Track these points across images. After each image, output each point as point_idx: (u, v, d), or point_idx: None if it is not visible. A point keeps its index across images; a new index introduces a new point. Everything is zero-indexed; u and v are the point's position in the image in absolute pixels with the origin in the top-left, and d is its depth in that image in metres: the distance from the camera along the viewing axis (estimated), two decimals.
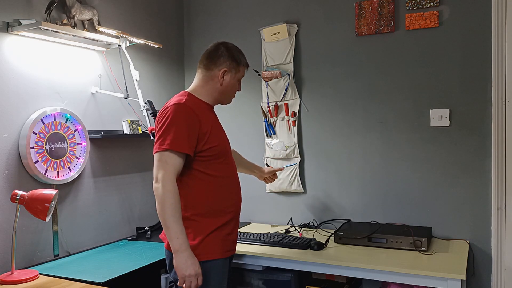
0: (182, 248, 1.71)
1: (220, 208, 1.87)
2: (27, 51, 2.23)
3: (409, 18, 2.58)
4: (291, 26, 2.90)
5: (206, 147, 1.83)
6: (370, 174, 2.72)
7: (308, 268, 2.26)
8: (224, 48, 1.94)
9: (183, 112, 1.79)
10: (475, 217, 2.47)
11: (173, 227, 1.71)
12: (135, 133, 2.75)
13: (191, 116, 1.80)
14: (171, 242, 1.72)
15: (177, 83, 3.26)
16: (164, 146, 1.75)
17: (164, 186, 1.72)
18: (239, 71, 1.97)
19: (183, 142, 1.76)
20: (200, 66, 1.96)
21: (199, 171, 1.84)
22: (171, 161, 1.75)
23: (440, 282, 1.96)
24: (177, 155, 1.76)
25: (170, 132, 1.76)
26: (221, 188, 1.89)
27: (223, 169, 1.91)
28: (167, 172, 1.74)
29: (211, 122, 1.89)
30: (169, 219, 1.71)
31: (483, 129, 2.44)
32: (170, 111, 1.79)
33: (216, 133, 1.89)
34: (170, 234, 1.71)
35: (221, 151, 1.90)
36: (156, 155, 1.77)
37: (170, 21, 3.20)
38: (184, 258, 1.71)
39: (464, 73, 2.48)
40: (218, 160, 1.88)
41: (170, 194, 1.72)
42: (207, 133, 1.83)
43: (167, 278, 2.33)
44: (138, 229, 2.85)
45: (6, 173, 2.12)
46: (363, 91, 2.73)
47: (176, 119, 1.77)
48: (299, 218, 2.91)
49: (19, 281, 1.90)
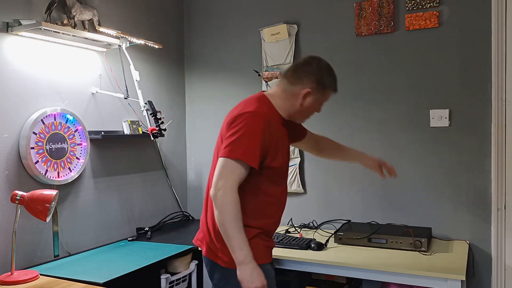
0: (247, 260, 1.64)
1: (258, 224, 1.79)
2: (27, 51, 2.23)
3: (409, 18, 2.58)
4: (291, 26, 2.90)
5: (270, 165, 1.76)
6: (370, 174, 2.72)
7: (308, 268, 2.26)
8: (316, 66, 1.79)
9: (261, 123, 1.70)
10: (475, 217, 2.47)
11: (236, 237, 1.64)
12: (135, 134, 2.75)
13: (267, 128, 1.71)
14: (234, 253, 1.65)
15: (177, 83, 3.26)
16: (236, 154, 1.66)
17: (227, 195, 1.64)
18: (323, 95, 1.82)
19: (255, 155, 1.68)
20: (285, 76, 1.83)
21: (254, 185, 1.76)
22: (238, 171, 1.67)
23: (440, 282, 1.96)
24: (244, 167, 1.68)
25: (245, 141, 1.67)
26: (268, 210, 1.82)
27: (276, 191, 1.84)
28: (231, 181, 1.65)
29: (282, 139, 1.82)
30: (233, 230, 1.63)
31: (483, 129, 2.44)
32: (249, 118, 1.69)
33: (282, 152, 1.82)
34: (233, 246, 1.64)
35: (281, 174, 1.85)
36: (222, 160, 1.68)
37: (170, 21, 3.20)
38: (249, 270, 1.64)
39: (464, 73, 2.48)
40: (275, 180, 1.82)
41: (233, 204, 1.64)
42: (276, 150, 1.77)
43: (167, 279, 2.33)
44: (138, 229, 2.85)
45: (6, 174, 2.12)
46: (363, 91, 2.73)
47: (253, 128, 1.68)
48: (299, 219, 2.91)
49: (19, 282, 1.90)
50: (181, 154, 3.30)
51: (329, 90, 1.82)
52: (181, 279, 2.48)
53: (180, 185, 3.28)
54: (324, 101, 1.85)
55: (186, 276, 2.52)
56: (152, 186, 3.01)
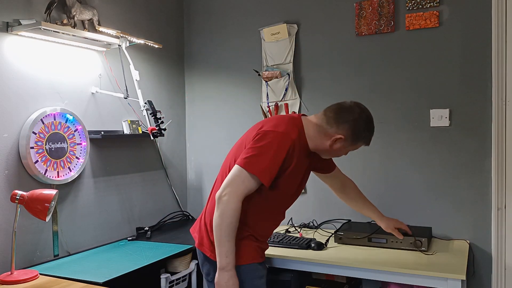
0: (228, 268, 1.72)
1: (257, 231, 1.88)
2: (27, 51, 2.22)
3: (409, 18, 2.58)
4: (291, 26, 2.90)
5: (279, 187, 1.82)
6: (370, 174, 2.72)
7: (308, 268, 2.26)
8: (358, 116, 1.79)
9: (287, 147, 1.74)
10: (475, 217, 2.47)
11: (225, 245, 1.71)
12: (135, 133, 2.75)
13: (291, 153, 1.76)
14: (219, 258, 1.73)
15: (177, 83, 3.26)
16: (253, 169, 1.71)
17: (231, 202, 1.70)
18: (354, 145, 1.86)
19: (270, 175, 1.73)
20: (325, 114, 1.84)
21: (260, 195, 1.81)
22: (249, 184, 1.73)
23: (440, 282, 1.96)
24: (257, 182, 1.74)
25: (266, 159, 1.72)
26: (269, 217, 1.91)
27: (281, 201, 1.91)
28: (240, 191, 1.72)
29: (300, 168, 1.86)
30: (225, 236, 1.71)
31: (483, 129, 2.44)
32: (279, 139, 1.74)
33: (295, 181, 1.87)
34: (221, 251, 1.72)
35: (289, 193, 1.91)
36: (238, 168, 1.73)
37: (170, 21, 3.20)
38: (227, 277, 1.72)
39: (464, 73, 2.48)
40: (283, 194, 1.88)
41: (233, 213, 1.71)
42: (291, 174, 1.81)
43: (167, 278, 2.33)
44: (138, 229, 2.85)
45: (6, 173, 2.12)
46: (363, 91, 2.73)
47: (277, 149, 1.73)
48: (299, 218, 2.91)
49: (19, 281, 1.90)
50: (181, 154, 3.30)
51: (360, 143, 1.85)
52: (181, 279, 2.48)
53: (180, 185, 3.28)
54: (353, 149, 1.88)
55: (186, 276, 2.52)
56: (152, 186, 3.00)
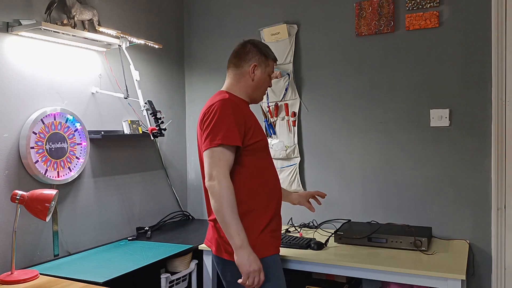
0: (244, 244, 1.71)
1: (264, 204, 1.87)
2: (27, 51, 2.23)
3: (409, 18, 2.58)
4: (291, 26, 2.90)
5: (252, 141, 1.84)
6: (370, 174, 2.72)
7: (308, 268, 2.26)
8: (251, 45, 1.97)
9: (230, 107, 1.80)
10: (475, 217, 2.47)
11: (233, 224, 1.70)
12: (135, 133, 2.75)
13: (237, 110, 1.82)
14: (232, 239, 1.71)
15: (177, 83, 3.26)
16: (216, 141, 1.75)
17: (221, 182, 1.71)
18: (268, 65, 1.98)
19: (234, 135, 1.76)
20: (230, 66, 1.99)
21: (244, 166, 1.84)
22: (224, 157, 1.75)
23: (440, 282, 1.96)
24: (229, 150, 1.76)
25: (221, 127, 1.76)
26: (265, 183, 1.90)
27: (266, 163, 1.94)
28: (222, 169, 1.73)
29: (253, 118, 1.92)
30: (229, 215, 1.70)
31: (483, 129, 2.44)
32: (217, 107, 1.80)
33: (258, 128, 1.92)
34: (231, 231, 1.70)
35: (265, 145, 1.94)
36: (207, 152, 1.77)
37: (170, 21, 3.20)
38: (247, 254, 1.70)
39: (464, 73, 2.48)
40: (262, 154, 1.92)
41: (228, 191, 1.71)
42: (251, 127, 1.85)
43: (167, 278, 2.33)
44: (138, 229, 2.85)
45: (6, 173, 2.12)
46: (363, 91, 2.73)
47: (224, 114, 1.78)
48: (299, 218, 2.91)
49: (19, 281, 1.90)
50: (181, 153, 3.30)
51: (271, 59, 1.99)
52: (181, 279, 2.48)
53: (180, 185, 3.29)
54: (270, 72, 2.00)
55: (186, 276, 2.52)
56: (152, 186, 3.01)
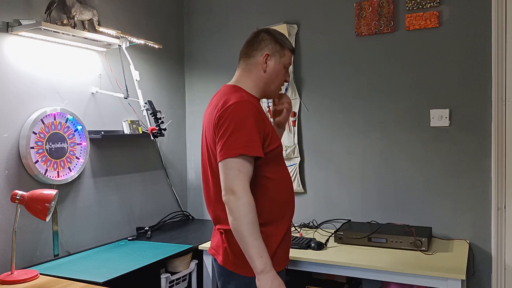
0: (267, 268, 1.51)
1: (281, 214, 1.70)
2: (27, 51, 2.23)
3: (409, 18, 2.58)
4: (291, 26, 2.90)
5: (270, 148, 1.65)
6: (370, 174, 2.72)
7: (308, 268, 2.26)
8: (265, 33, 1.75)
9: (250, 110, 1.58)
10: (475, 217, 2.47)
11: (255, 245, 1.50)
12: (135, 133, 2.75)
13: (257, 114, 1.60)
14: (253, 262, 1.51)
15: (177, 83, 3.26)
16: (235, 151, 1.53)
17: (242, 198, 1.51)
18: (284, 55, 1.74)
19: (256, 144, 1.56)
20: (241, 57, 1.77)
21: (262, 175, 1.64)
22: (244, 169, 1.54)
23: (440, 282, 1.96)
24: (248, 161, 1.55)
25: (240, 134, 1.55)
26: (281, 193, 1.71)
27: (281, 171, 1.74)
28: (242, 182, 1.52)
29: (268, 121, 1.69)
30: (250, 237, 1.50)
31: (483, 129, 2.44)
32: (236, 109, 1.57)
33: (274, 132, 1.71)
34: (252, 254, 1.51)
35: (281, 151, 1.75)
36: (224, 162, 1.55)
37: (170, 21, 3.20)
38: (270, 279, 1.51)
39: (464, 73, 2.48)
40: (279, 161, 1.73)
41: (250, 208, 1.51)
42: (269, 132, 1.65)
43: (167, 278, 2.33)
44: (138, 229, 2.85)
45: (6, 173, 2.12)
46: (363, 91, 2.73)
47: (244, 118, 1.56)
48: (299, 218, 2.91)
49: (19, 281, 1.90)
50: (181, 153, 3.30)
51: (286, 47, 1.76)
52: (181, 279, 2.48)
53: (180, 185, 3.29)
54: (287, 63, 1.77)
55: (186, 276, 2.52)
56: (152, 186, 3.01)
